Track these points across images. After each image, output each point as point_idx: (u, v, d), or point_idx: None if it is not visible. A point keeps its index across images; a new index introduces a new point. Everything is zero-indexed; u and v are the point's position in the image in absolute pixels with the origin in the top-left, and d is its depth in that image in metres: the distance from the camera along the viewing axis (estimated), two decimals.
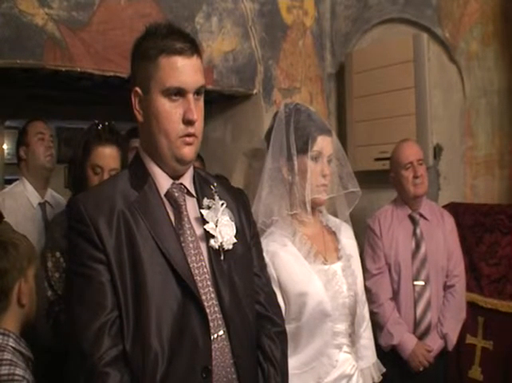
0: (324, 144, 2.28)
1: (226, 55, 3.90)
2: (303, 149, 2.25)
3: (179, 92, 1.72)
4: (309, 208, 2.26)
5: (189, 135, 1.74)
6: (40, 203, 3.61)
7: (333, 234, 2.39)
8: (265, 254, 2.18)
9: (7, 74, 3.18)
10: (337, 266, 2.27)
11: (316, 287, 2.18)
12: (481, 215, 3.64)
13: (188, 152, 1.76)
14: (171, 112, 1.72)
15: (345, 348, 2.23)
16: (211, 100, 4.03)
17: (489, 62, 3.67)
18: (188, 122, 1.72)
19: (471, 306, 3.55)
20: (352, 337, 2.27)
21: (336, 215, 2.48)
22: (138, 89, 1.76)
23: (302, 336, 2.15)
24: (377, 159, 4.09)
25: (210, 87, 3.74)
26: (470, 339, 3.58)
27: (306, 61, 4.34)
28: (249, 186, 3.48)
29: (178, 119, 1.72)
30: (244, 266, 1.88)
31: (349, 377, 2.22)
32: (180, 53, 1.72)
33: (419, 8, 3.99)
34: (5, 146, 3.87)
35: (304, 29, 4.33)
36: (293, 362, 2.13)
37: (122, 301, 1.65)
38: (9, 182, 4.37)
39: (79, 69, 3.24)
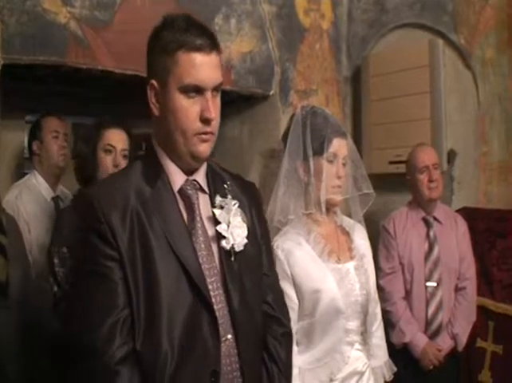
0: (340, 146, 2.32)
1: (244, 56, 3.93)
2: (319, 151, 2.29)
3: (197, 90, 1.69)
4: (323, 208, 2.30)
5: (205, 133, 1.72)
6: (53, 198, 3.64)
7: (347, 234, 2.43)
8: (280, 252, 2.23)
9: (30, 70, 3.23)
10: (350, 265, 2.31)
11: (329, 284, 2.22)
12: (493, 220, 3.67)
13: (204, 149, 1.74)
14: (188, 109, 1.69)
15: (357, 345, 2.27)
16: (229, 101, 4.06)
17: (504, 69, 3.69)
18: (205, 120, 1.70)
19: (482, 311, 3.57)
20: (364, 335, 2.31)
21: (350, 216, 2.52)
22: (154, 82, 1.72)
23: (315, 332, 2.19)
24: (392, 163, 4.12)
25: (228, 87, 3.77)
26: (480, 343, 3.60)
27: (323, 63, 4.37)
28: (264, 186, 3.50)
29: (195, 116, 1.69)
30: (254, 267, 1.87)
31: (361, 374, 2.26)
32: (199, 49, 1.68)
33: (436, 14, 4.02)
34: (25, 140, 3.94)
35: (321, 32, 4.36)
36: (306, 358, 2.19)
37: (134, 299, 1.63)
38: None
39: (100, 67, 3.28)
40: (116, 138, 2.90)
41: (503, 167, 3.73)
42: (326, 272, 2.23)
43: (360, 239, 2.45)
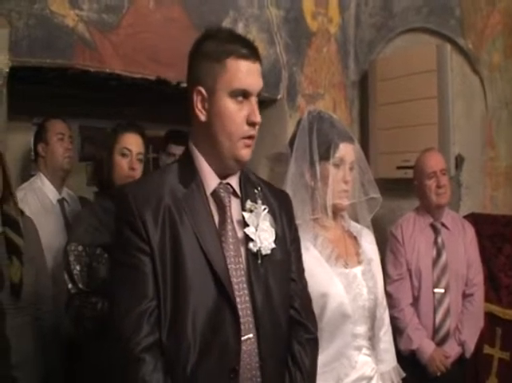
0: (347, 150, 2.31)
1: None
2: (325, 156, 2.29)
3: (244, 95, 1.78)
4: (330, 213, 2.30)
5: (250, 137, 1.80)
6: (58, 200, 3.65)
7: (354, 238, 2.42)
8: None
9: (37, 73, 3.24)
10: (358, 270, 2.30)
11: (337, 289, 2.21)
12: (501, 225, 3.66)
13: (247, 153, 1.81)
14: (236, 113, 1.77)
15: (365, 350, 2.26)
16: None
17: (511, 74, 3.69)
18: (252, 124, 1.79)
19: (490, 317, 3.57)
20: (372, 340, 2.30)
21: (358, 221, 2.51)
22: (201, 89, 1.79)
23: (323, 337, 2.17)
24: (399, 168, 4.12)
25: None
26: (487, 349, 3.59)
27: (330, 67, 4.37)
28: None
29: (242, 120, 1.78)
30: (281, 272, 1.90)
31: (369, 379, 2.25)
32: (247, 57, 1.78)
33: (443, 18, 4.02)
34: (32, 142, 3.97)
35: (328, 36, 4.36)
36: None
37: (161, 292, 1.70)
38: None
39: (108, 70, 3.29)
40: (132, 142, 2.96)
41: (510, 172, 3.73)
42: (333, 277, 2.23)
43: (368, 244, 2.44)
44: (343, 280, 2.24)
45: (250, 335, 1.77)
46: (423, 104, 4.01)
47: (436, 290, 3.40)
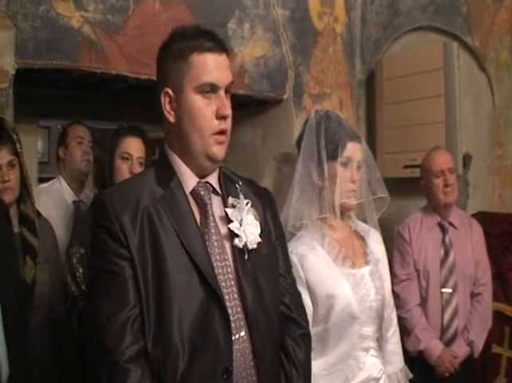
0: (354, 150, 2.31)
1: (257, 60, 3.93)
2: (333, 155, 2.29)
3: (212, 89, 1.76)
4: (337, 213, 2.29)
5: (222, 131, 1.77)
6: (74, 201, 3.71)
7: (362, 238, 2.41)
8: (294, 257, 2.22)
9: (43, 75, 3.25)
10: (365, 271, 2.29)
11: (344, 290, 2.20)
12: (509, 224, 3.65)
13: (219, 150, 1.78)
14: (204, 108, 1.75)
15: (372, 351, 2.25)
16: (242, 105, 4.07)
17: None
18: (222, 117, 1.76)
19: (498, 316, 3.54)
20: (380, 341, 2.29)
21: (365, 221, 2.50)
22: (169, 90, 1.78)
23: (330, 338, 2.17)
24: (406, 167, 4.10)
25: (241, 92, 3.79)
26: (496, 349, 3.57)
27: (336, 67, 4.36)
28: (278, 190, 3.51)
29: (211, 115, 1.75)
30: (269, 266, 1.88)
31: (376, 380, 2.24)
32: (211, 50, 1.76)
33: (450, 16, 4.00)
34: (39, 144, 3.99)
35: (334, 36, 4.35)
36: (320, 364, 2.17)
37: (144, 298, 1.66)
38: (42, 180, 4.45)
39: (114, 72, 3.30)
40: (133, 146, 2.98)
41: None
42: (340, 277, 2.22)
43: (376, 244, 2.43)
44: (350, 281, 2.23)
45: (242, 333, 1.73)
46: (430, 102, 3.99)
47: (444, 290, 3.37)
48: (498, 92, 3.80)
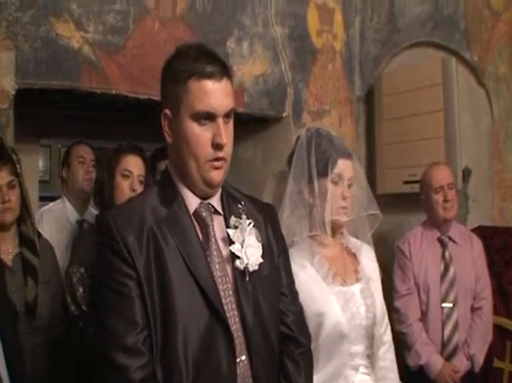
0: (345, 167, 2.30)
1: (256, 78, 3.97)
2: (324, 172, 2.27)
3: (209, 117, 1.72)
4: (328, 230, 2.28)
5: (218, 159, 1.74)
6: (78, 221, 3.73)
7: (353, 255, 2.39)
8: None
9: (44, 95, 3.29)
10: (356, 288, 2.27)
11: (333, 308, 2.18)
12: (509, 237, 3.64)
13: (216, 175, 1.76)
14: (200, 135, 1.71)
15: (363, 369, 2.21)
16: (242, 123, 4.09)
17: None
18: (217, 146, 1.72)
19: (499, 330, 3.54)
20: (371, 358, 2.25)
21: (358, 237, 2.49)
22: (167, 111, 1.76)
23: (320, 356, 2.14)
24: (406, 182, 4.10)
25: (241, 110, 3.82)
26: (497, 363, 3.56)
27: (336, 84, 4.38)
28: (277, 207, 3.51)
29: (207, 143, 1.72)
30: (270, 287, 1.86)
31: None
32: (210, 76, 1.71)
33: (448, 32, 4.03)
34: (40, 163, 4.02)
35: (333, 53, 4.38)
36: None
37: (151, 318, 1.65)
38: (43, 199, 4.50)
39: (114, 92, 3.34)
40: (133, 163, 3.01)
41: None
42: (330, 296, 2.20)
43: (368, 260, 2.41)
44: (340, 299, 2.21)
45: (243, 357, 1.72)
46: (429, 118, 4.01)
47: (444, 305, 3.38)
48: (496, 106, 3.81)
